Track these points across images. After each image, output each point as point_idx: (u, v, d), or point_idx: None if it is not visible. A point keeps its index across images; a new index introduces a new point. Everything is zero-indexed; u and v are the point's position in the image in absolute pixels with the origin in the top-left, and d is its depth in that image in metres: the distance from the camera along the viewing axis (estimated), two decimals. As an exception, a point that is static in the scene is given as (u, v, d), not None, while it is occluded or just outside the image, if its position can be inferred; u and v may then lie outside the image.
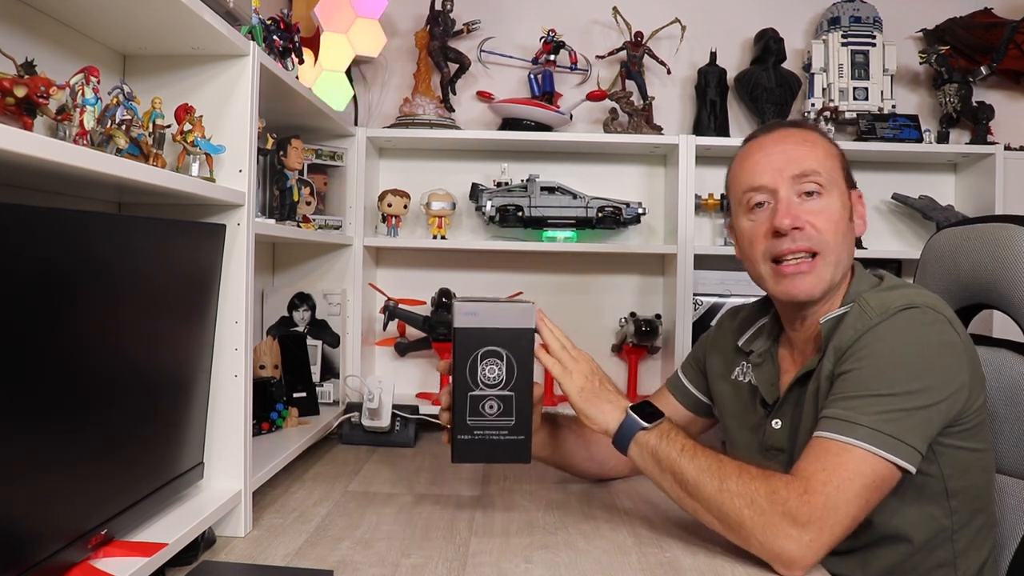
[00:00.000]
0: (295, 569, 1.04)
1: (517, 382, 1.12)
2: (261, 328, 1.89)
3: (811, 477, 0.98)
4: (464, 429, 1.12)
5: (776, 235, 1.14)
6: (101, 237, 0.85)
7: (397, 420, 1.78)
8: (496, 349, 1.11)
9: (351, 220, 1.96)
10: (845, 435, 0.99)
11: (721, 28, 2.17)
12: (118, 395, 0.92)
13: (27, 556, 0.76)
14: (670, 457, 1.07)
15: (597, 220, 1.98)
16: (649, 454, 1.10)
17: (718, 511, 1.03)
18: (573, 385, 1.16)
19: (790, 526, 0.97)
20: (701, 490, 1.04)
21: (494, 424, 1.12)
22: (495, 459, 1.17)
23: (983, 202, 1.99)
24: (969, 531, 1.09)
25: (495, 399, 1.12)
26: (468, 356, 1.11)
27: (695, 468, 1.05)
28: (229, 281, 1.16)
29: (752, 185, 1.18)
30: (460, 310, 1.12)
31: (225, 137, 1.15)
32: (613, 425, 1.14)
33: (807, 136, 1.19)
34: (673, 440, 1.09)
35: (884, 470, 0.99)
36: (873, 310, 1.07)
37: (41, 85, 0.75)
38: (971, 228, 1.27)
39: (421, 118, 2.02)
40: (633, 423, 1.12)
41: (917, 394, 1.01)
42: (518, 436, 1.13)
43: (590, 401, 1.15)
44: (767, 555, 1.00)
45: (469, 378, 1.11)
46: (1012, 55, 2.06)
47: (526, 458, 1.14)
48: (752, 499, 0.99)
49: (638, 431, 1.11)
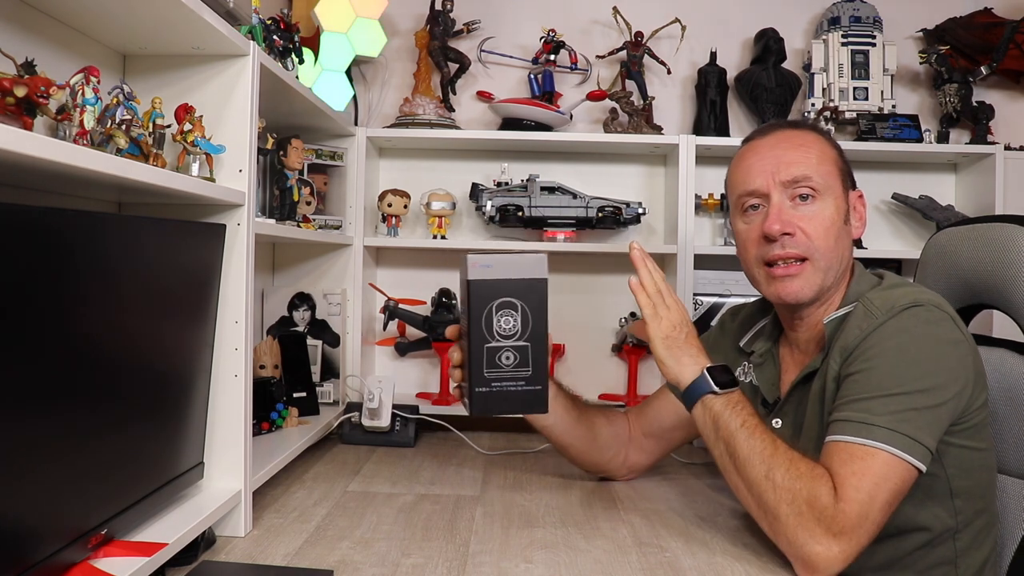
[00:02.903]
0: (295, 569, 1.04)
1: (532, 332, 1.13)
2: (261, 328, 1.89)
3: (844, 484, 0.98)
4: (481, 381, 1.12)
5: (767, 240, 1.15)
6: (101, 237, 0.86)
7: (397, 420, 1.78)
8: (511, 300, 1.12)
9: (351, 220, 1.96)
10: (864, 437, 0.99)
11: (721, 28, 2.17)
12: (118, 395, 0.92)
13: (27, 556, 0.76)
14: (729, 428, 1.08)
15: (597, 220, 1.98)
16: (711, 418, 1.11)
17: (758, 497, 1.03)
18: (660, 330, 1.16)
19: (824, 534, 0.97)
20: (747, 470, 1.04)
21: (511, 375, 1.13)
22: (513, 410, 1.17)
23: (983, 202, 1.99)
24: (971, 530, 1.09)
25: (511, 350, 1.12)
26: (483, 308, 1.11)
27: (749, 447, 1.05)
28: (229, 281, 1.16)
29: (745, 190, 1.18)
30: (474, 263, 1.11)
31: (225, 137, 1.15)
32: (687, 379, 1.14)
33: (803, 139, 1.19)
34: (738, 412, 1.09)
35: (905, 472, 0.99)
36: (878, 309, 1.07)
37: (41, 85, 0.75)
38: (971, 228, 1.27)
39: (421, 118, 2.02)
40: (705, 384, 1.12)
41: (927, 392, 1.01)
42: (535, 386, 1.13)
43: (671, 350, 1.16)
44: (793, 555, 1.00)
45: (485, 330, 1.11)
46: (1012, 55, 2.06)
47: (543, 407, 1.15)
48: (793, 498, 0.99)
49: (707, 393, 1.12)
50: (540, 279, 1.13)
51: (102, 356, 0.88)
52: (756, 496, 1.04)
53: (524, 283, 1.12)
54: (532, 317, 1.12)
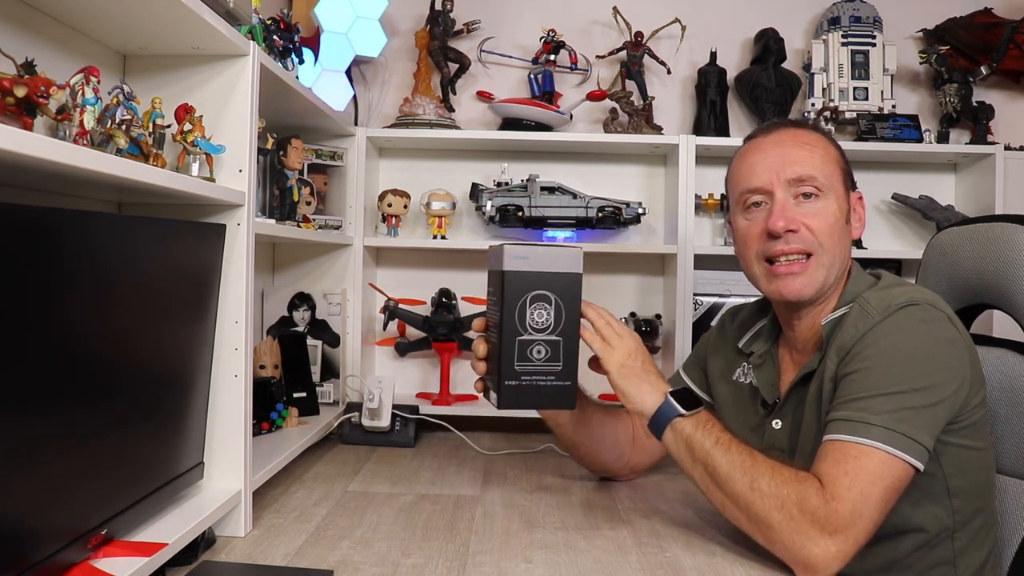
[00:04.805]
0: (295, 569, 1.04)
1: (565, 327, 1.12)
2: (261, 328, 1.89)
3: (835, 483, 0.97)
4: (512, 375, 1.11)
5: (771, 236, 1.15)
6: (101, 237, 0.85)
7: (397, 420, 1.78)
8: (545, 293, 1.11)
9: (351, 220, 1.96)
10: (860, 436, 0.99)
11: (721, 28, 2.17)
12: (118, 395, 0.92)
13: (27, 556, 0.76)
14: (704, 448, 1.07)
15: (597, 220, 1.98)
16: (684, 442, 1.10)
17: (747, 509, 1.02)
18: (614, 361, 1.16)
19: (819, 535, 0.96)
20: (731, 485, 1.04)
21: (542, 369, 1.12)
22: (541, 405, 1.16)
23: (983, 202, 1.99)
24: (969, 530, 1.09)
25: (543, 344, 1.11)
26: (518, 300, 1.10)
27: (728, 463, 1.04)
28: (229, 281, 1.16)
29: (749, 187, 1.18)
30: (510, 253, 1.10)
31: (225, 137, 1.15)
32: (651, 408, 1.13)
33: (807, 138, 1.19)
34: (709, 431, 1.08)
35: (901, 470, 0.99)
36: (874, 309, 1.07)
37: (41, 85, 0.75)
38: (972, 228, 1.27)
39: (421, 118, 2.02)
40: (671, 409, 1.11)
41: (924, 391, 1.01)
42: (565, 381, 1.12)
43: (629, 380, 1.15)
44: (792, 560, 1.00)
45: (518, 322, 1.10)
46: (1012, 55, 2.06)
47: (572, 403, 1.14)
48: (783, 503, 0.99)
49: (675, 417, 1.11)
50: (575, 274, 1.12)
51: (102, 356, 0.88)
52: (744, 509, 1.03)
53: (559, 277, 1.11)
54: (565, 311, 1.11)
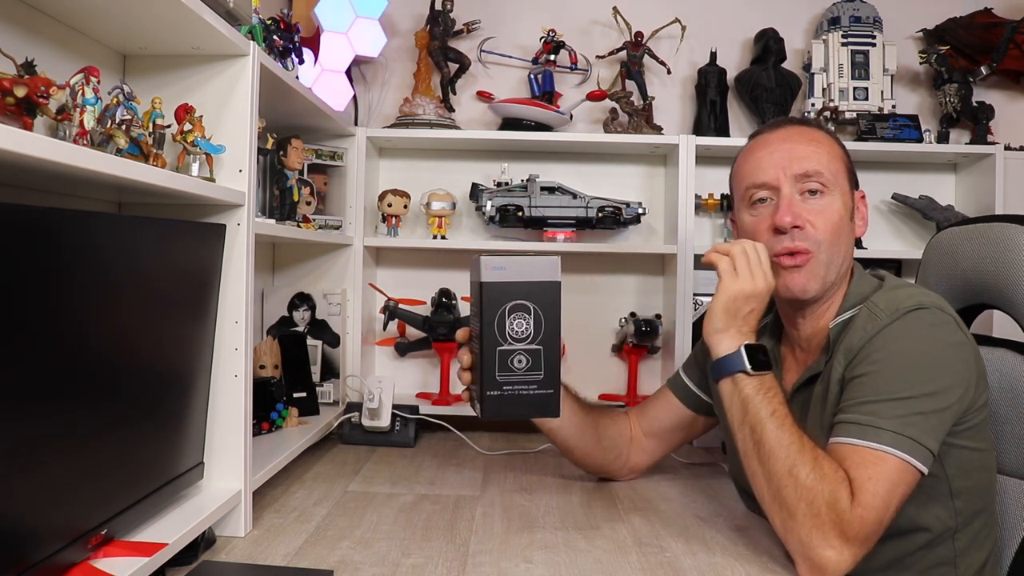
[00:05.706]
0: (295, 569, 1.04)
1: (545, 335, 1.11)
2: (261, 328, 1.89)
3: (862, 488, 0.97)
4: (493, 385, 1.11)
5: (776, 232, 1.15)
6: (101, 237, 0.85)
7: (397, 420, 1.78)
8: (524, 303, 1.10)
9: (351, 220, 1.96)
10: (872, 441, 0.99)
11: (721, 28, 2.17)
12: (118, 395, 0.92)
13: (27, 556, 0.76)
14: (759, 415, 1.06)
15: (597, 220, 1.98)
16: (740, 400, 1.09)
17: (776, 490, 1.02)
18: (730, 290, 1.12)
19: (837, 538, 0.96)
20: (771, 462, 1.03)
21: (523, 378, 1.11)
22: (525, 414, 1.15)
23: (983, 202, 1.99)
24: (970, 530, 1.09)
25: (524, 353, 1.11)
26: (496, 311, 1.10)
27: (776, 439, 1.03)
28: (229, 281, 1.16)
29: (755, 182, 1.18)
30: (487, 264, 1.10)
31: (225, 137, 1.15)
32: (723, 351, 1.13)
33: (813, 135, 1.19)
34: (769, 400, 1.07)
35: (911, 476, 0.99)
36: (882, 311, 1.07)
37: (41, 85, 0.75)
38: (972, 228, 1.27)
39: (421, 118, 2.02)
40: (739, 361, 1.10)
41: (933, 396, 1.01)
42: (547, 390, 1.12)
43: (726, 315, 1.13)
44: (801, 555, 0.99)
45: (497, 333, 1.10)
46: (1012, 55, 2.06)
47: (555, 412, 1.13)
48: (814, 498, 0.98)
49: (739, 372, 1.10)
50: (554, 282, 1.12)
51: (102, 356, 0.88)
52: (775, 489, 1.02)
53: (537, 285, 1.11)
54: (545, 320, 1.11)
